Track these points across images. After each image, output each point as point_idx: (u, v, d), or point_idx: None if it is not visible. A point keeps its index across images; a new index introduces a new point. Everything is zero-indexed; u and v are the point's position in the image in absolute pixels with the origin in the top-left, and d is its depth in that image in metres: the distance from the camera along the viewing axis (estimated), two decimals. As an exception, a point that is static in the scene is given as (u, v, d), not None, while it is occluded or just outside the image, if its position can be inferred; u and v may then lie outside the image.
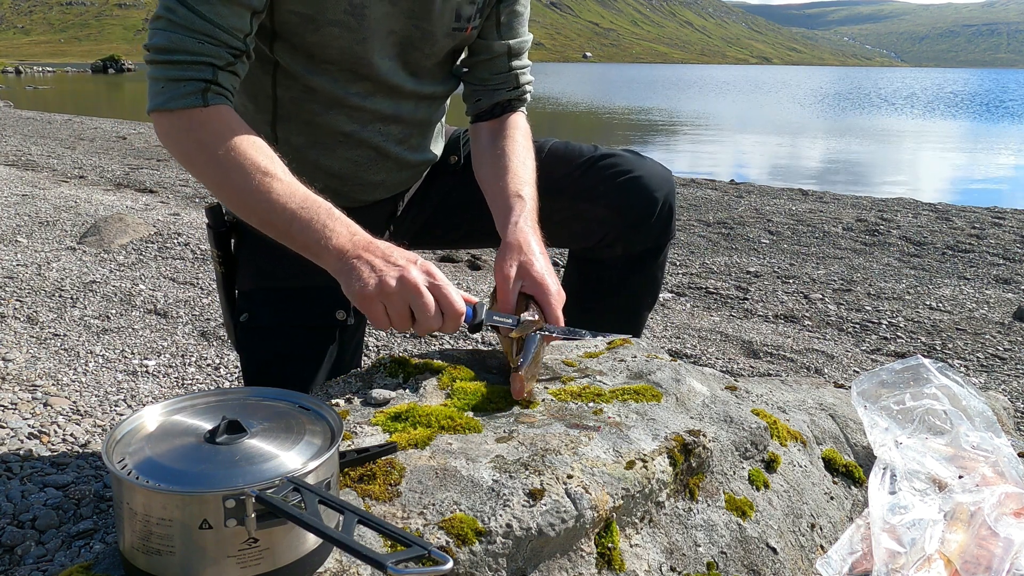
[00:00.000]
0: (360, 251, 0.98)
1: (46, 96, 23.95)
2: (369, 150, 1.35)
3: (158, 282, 3.27)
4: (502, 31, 1.37)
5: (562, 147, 1.48)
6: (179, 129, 1.08)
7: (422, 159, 1.46)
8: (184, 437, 0.71)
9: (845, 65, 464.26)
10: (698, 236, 4.73)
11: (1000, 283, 3.79)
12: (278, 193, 1.02)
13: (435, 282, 0.96)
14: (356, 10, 1.18)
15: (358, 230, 1.02)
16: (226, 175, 1.04)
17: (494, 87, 1.40)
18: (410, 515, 0.74)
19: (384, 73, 1.27)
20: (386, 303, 0.95)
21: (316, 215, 1.01)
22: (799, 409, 1.19)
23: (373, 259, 0.97)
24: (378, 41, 1.24)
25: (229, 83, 1.10)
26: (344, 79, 1.27)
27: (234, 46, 1.09)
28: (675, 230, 1.48)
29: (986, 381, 2.50)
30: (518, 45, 1.40)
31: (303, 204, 1.02)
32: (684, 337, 2.88)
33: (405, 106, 1.35)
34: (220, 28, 1.07)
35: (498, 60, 1.39)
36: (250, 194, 1.03)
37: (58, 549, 1.39)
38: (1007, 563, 0.89)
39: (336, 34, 1.20)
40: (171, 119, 1.07)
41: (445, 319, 0.96)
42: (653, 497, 0.87)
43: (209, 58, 1.07)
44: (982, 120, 20.22)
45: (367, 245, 0.99)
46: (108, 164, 7.16)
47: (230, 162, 1.03)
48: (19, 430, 1.86)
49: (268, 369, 1.28)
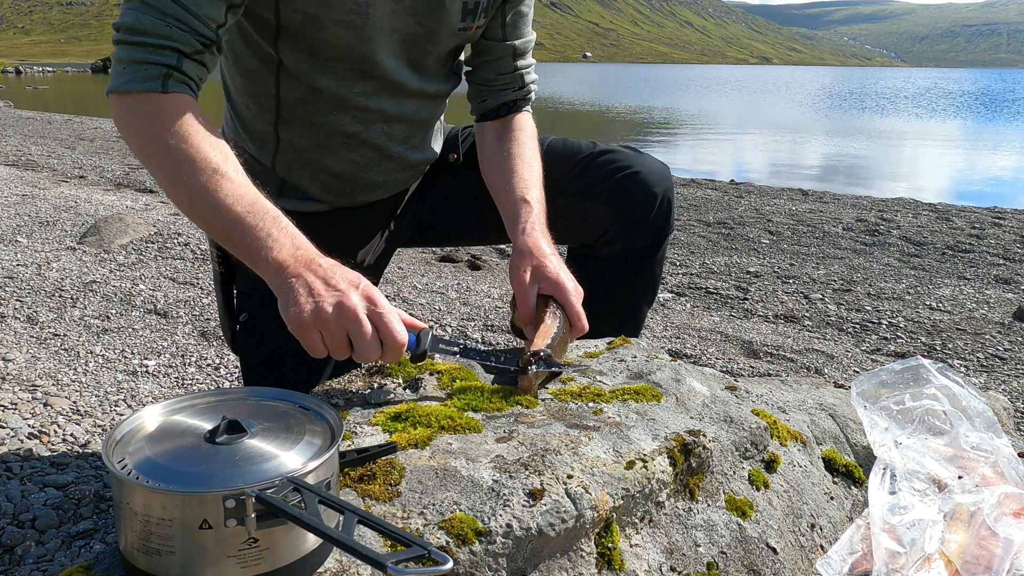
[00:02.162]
0: (300, 269, 0.92)
1: (46, 96, 23.94)
2: (372, 151, 1.35)
3: (158, 282, 3.27)
4: (507, 31, 1.37)
5: (560, 144, 1.49)
6: (134, 114, 1.03)
7: (423, 158, 1.46)
8: (184, 437, 0.71)
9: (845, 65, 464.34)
10: (698, 236, 4.73)
11: (1000, 283, 3.79)
12: (225, 193, 0.97)
13: (376, 309, 0.89)
14: (361, 8, 1.18)
15: (303, 243, 0.96)
16: (174, 168, 0.99)
17: (500, 87, 1.40)
18: (410, 515, 0.74)
19: (389, 71, 1.27)
20: (323, 331, 0.89)
21: (261, 221, 0.95)
22: (799, 409, 1.19)
23: (313, 280, 0.91)
24: (383, 40, 1.24)
25: (194, 72, 1.05)
26: (349, 78, 1.26)
27: (204, 34, 1.05)
28: (674, 225, 1.49)
29: (986, 381, 2.50)
30: (523, 45, 1.40)
31: (249, 208, 0.96)
32: (684, 337, 2.88)
33: (409, 105, 1.35)
34: (192, 15, 1.03)
35: (503, 60, 1.39)
36: (197, 191, 0.97)
37: (58, 549, 1.39)
38: (1007, 563, 0.89)
39: (341, 33, 1.19)
40: (128, 102, 1.03)
41: (385, 349, 0.89)
42: (653, 497, 0.87)
43: (176, 43, 1.03)
44: (982, 120, 20.21)
45: (309, 263, 0.93)
46: (108, 164, 7.16)
47: (180, 154, 0.98)
48: (19, 430, 1.86)
49: (268, 369, 1.28)
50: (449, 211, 1.54)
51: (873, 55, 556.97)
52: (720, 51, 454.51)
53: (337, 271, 0.93)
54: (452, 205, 1.54)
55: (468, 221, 1.54)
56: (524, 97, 1.43)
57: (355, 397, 1.00)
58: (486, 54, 1.39)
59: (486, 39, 1.38)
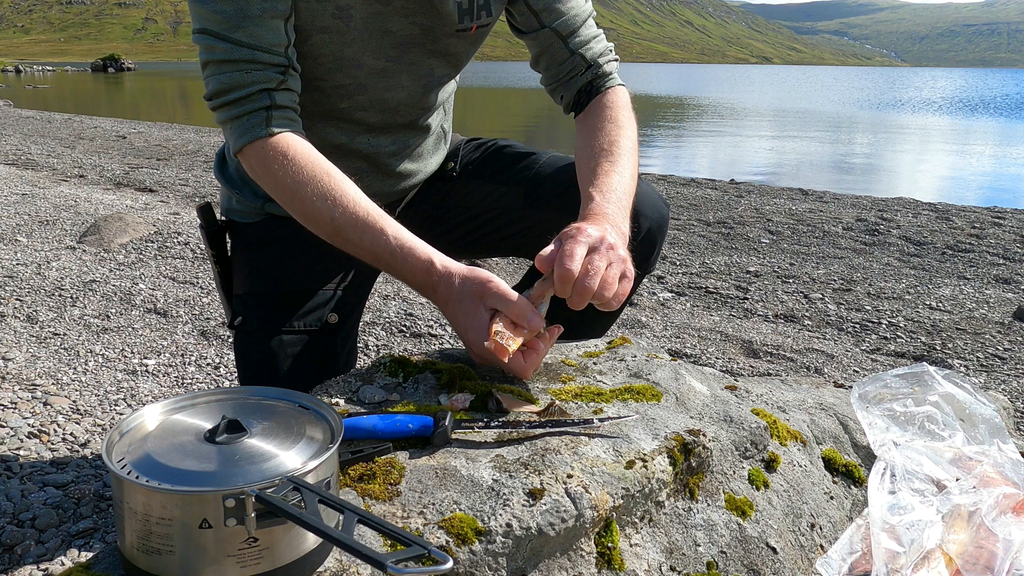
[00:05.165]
0: (438, 301, 1.03)
1: (46, 95, 23.95)
2: (361, 161, 1.34)
3: (158, 281, 3.27)
4: (542, 18, 1.28)
5: (557, 160, 1.42)
6: (256, 168, 1.10)
7: (417, 169, 1.42)
8: (184, 436, 0.71)
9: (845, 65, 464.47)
10: (698, 236, 4.73)
11: (1000, 283, 3.79)
12: (352, 228, 1.05)
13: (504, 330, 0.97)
14: (343, 12, 1.17)
15: (422, 267, 1.04)
16: (305, 207, 1.07)
17: (566, 77, 1.31)
18: (410, 514, 0.74)
19: (375, 75, 1.25)
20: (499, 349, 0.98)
21: (394, 259, 1.05)
22: (799, 409, 1.19)
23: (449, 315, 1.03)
24: (371, 42, 1.22)
25: (288, 100, 1.11)
26: (335, 94, 1.25)
27: (278, 64, 1.09)
28: (654, 265, 1.37)
29: (986, 381, 2.50)
30: (566, 24, 1.28)
31: (373, 242, 1.05)
32: (684, 337, 2.88)
33: (397, 116, 1.32)
34: (260, 50, 1.07)
35: (554, 49, 1.30)
36: (333, 232, 1.07)
37: (58, 548, 1.39)
38: (1007, 563, 0.89)
39: (325, 40, 1.18)
40: (248, 157, 1.10)
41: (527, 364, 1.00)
42: (653, 497, 0.87)
43: (260, 85, 1.08)
44: (984, 120, 20.21)
45: (434, 292, 1.04)
46: (108, 163, 7.15)
47: (304, 193, 1.06)
48: (19, 429, 1.86)
49: (260, 373, 1.27)
50: (440, 221, 1.49)
51: (873, 55, 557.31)
52: (720, 51, 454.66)
53: (452, 299, 1.01)
54: (443, 215, 1.49)
55: (456, 231, 1.48)
56: (598, 75, 1.30)
57: (354, 397, 1.00)
58: (536, 48, 1.31)
59: (525, 32, 1.31)
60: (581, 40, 1.29)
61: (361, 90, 1.26)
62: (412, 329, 2.81)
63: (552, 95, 1.36)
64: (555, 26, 1.28)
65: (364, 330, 2.76)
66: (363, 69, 1.24)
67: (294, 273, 1.31)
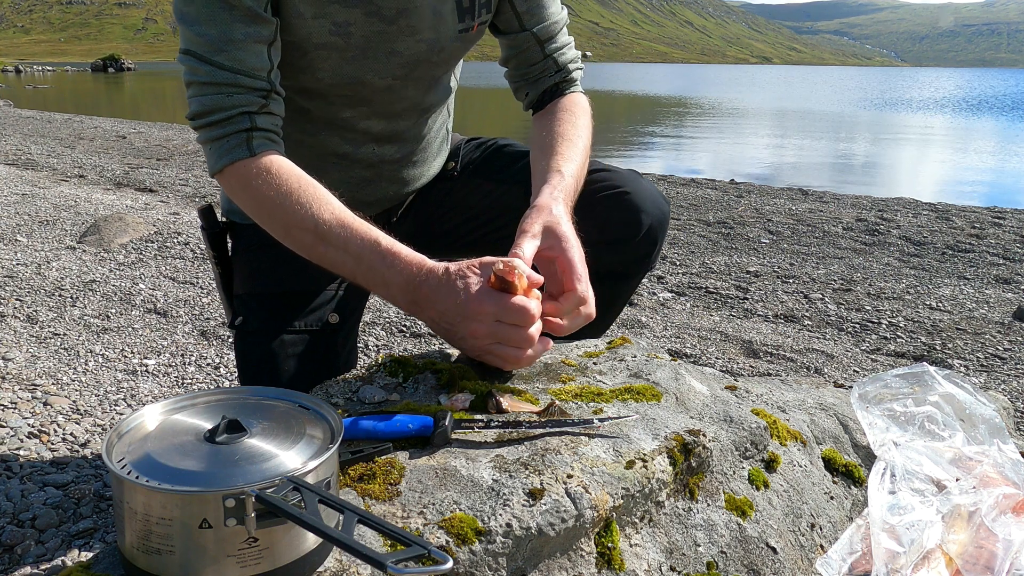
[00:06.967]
0: (420, 310, 1.01)
1: (46, 95, 23.95)
2: (364, 169, 1.34)
3: (158, 281, 3.27)
4: (523, 20, 1.30)
5: None
6: (235, 187, 1.10)
7: (420, 174, 1.43)
8: (184, 436, 0.71)
9: (845, 65, 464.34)
10: (698, 236, 4.73)
11: (1000, 283, 3.79)
12: (332, 244, 1.04)
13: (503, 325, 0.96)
14: (341, 28, 1.17)
15: (408, 275, 1.00)
16: (285, 225, 1.07)
17: (535, 78, 1.34)
18: (410, 515, 0.74)
19: (380, 91, 1.25)
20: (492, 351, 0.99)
21: (371, 271, 1.02)
22: (799, 409, 1.19)
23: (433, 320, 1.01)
24: (376, 62, 1.22)
25: (269, 123, 1.11)
26: (339, 103, 1.25)
27: (259, 88, 1.09)
28: (655, 263, 1.37)
29: (986, 381, 2.50)
30: (545, 30, 1.32)
31: (357, 254, 1.03)
32: (684, 337, 2.88)
33: (401, 123, 1.33)
34: (242, 74, 1.08)
35: (530, 51, 1.33)
36: (311, 248, 1.06)
37: (58, 548, 1.39)
38: (1007, 563, 0.89)
39: (324, 56, 1.18)
40: (227, 177, 1.10)
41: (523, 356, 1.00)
42: (653, 497, 0.87)
43: (241, 107, 1.08)
44: (984, 120, 20.21)
45: (419, 302, 1.01)
46: (108, 163, 7.15)
47: (283, 211, 1.06)
48: (19, 429, 1.86)
49: (261, 373, 1.27)
50: (441, 220, 1.50)
51: (873, 55, 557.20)
52: (720, 51, 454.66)
53: (438, 300, 0.97)
54: (443, 214, 1.49)
55: (458, 229, 1.48)
56: (565, 79, 1.34)
57: (354, 397, 1.00)
58: (511, 49, 1.33)
59: (504, 34, 1.33)
60: (556, 46, 1.34)
61: (365, 102, 1.27)
62: (412, 329, 2.81)
63: (515, 91, 1.39)
64: (535, 30, 1.31)
65: (364, 330, 2.76)
66: (367, 88, 1.25)
67: (295, 274, 1.31)
